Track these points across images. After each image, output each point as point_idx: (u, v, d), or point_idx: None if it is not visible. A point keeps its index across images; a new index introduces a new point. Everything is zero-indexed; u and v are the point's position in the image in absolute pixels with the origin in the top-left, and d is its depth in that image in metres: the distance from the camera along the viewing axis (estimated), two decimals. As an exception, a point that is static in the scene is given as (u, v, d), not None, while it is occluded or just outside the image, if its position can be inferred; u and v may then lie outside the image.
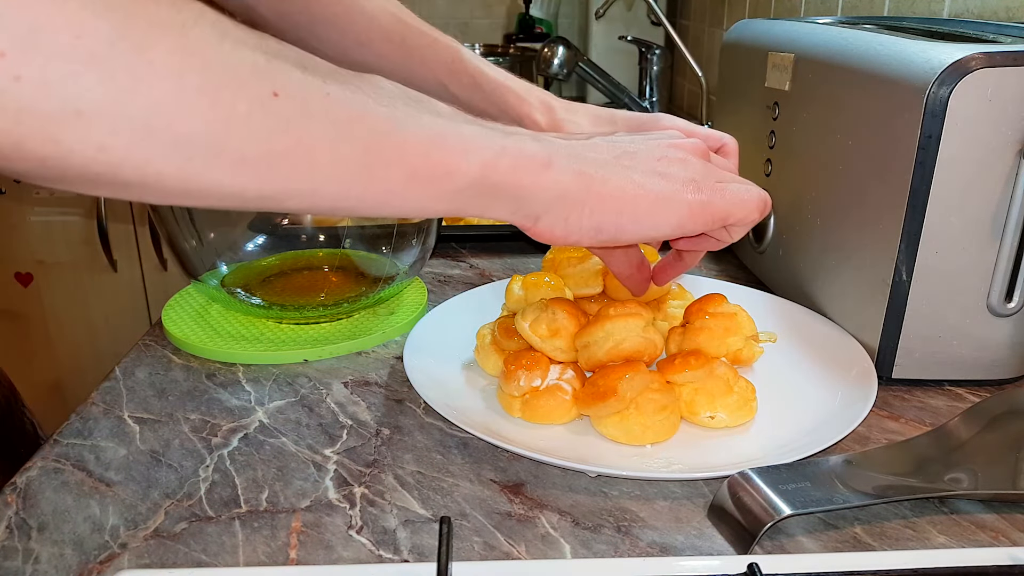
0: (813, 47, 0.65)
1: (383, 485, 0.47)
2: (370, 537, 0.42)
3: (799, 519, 0.43)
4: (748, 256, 0.79)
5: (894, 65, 0.54)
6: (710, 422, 0.51)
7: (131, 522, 0.43)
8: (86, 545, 0.42)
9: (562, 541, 0.42)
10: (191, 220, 0.62)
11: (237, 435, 0.52)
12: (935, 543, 0.42)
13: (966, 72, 0.49)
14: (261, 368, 0.61)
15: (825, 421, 0.51)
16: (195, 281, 0.66)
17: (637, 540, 0.42)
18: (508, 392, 0.52)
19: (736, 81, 0.81)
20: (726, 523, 0.43)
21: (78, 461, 0.49)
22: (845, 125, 0.60)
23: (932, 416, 0.54)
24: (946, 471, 0.45)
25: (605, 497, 0.46)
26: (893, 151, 0.53)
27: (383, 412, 0.55)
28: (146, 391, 0.57)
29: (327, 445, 0.51)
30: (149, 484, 0.47)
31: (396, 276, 0.67)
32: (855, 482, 0.43)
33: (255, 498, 0.45)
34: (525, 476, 0.48)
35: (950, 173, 0.51)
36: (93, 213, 1.64)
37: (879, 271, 0.56)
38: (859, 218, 0.58)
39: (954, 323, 0.55)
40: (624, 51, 1.73)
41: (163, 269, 1.72)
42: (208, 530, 0.43)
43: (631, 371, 0.49)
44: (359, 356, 0.63)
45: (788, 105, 0.69)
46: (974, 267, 0.53)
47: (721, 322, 0.55)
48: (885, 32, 0.61)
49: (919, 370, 0.57)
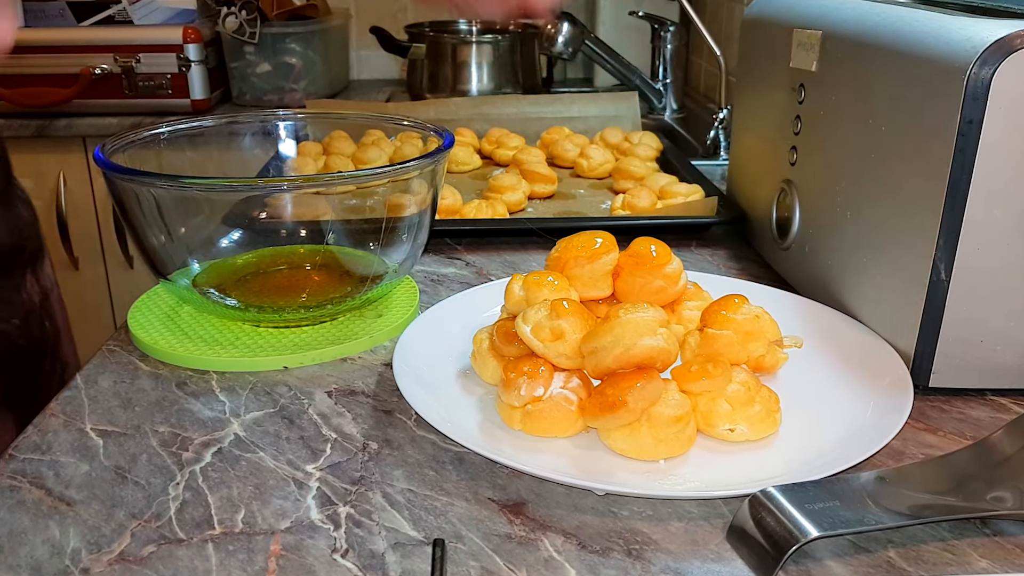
0: (843, 23, 0.65)
1: (370, 504, 0.47)
2: (356, 561, 0.42)
3: (827, 542, 0.43)
4: (771, 253, 0.79)
5: (931, 43, 0.54)
6: (729, 435, 0.51)
7: (94, 545, 0.43)
8: (44, 570, 0.42)
9: (567, 566, 0.42)
10: (159, 213, 0.62)
11: (210, 449, 0.52)
12: (976, 568, 0.42)
13: (1011, 51, 0.49)
14: (237, 376, 0.61)
15: (855, 434, 0.51)
16: (164, 280, 0.66)
17: (649, 565, 0.42)
18: (508, 402, 0.52)
19: (758, 61, 0.81)
20: (747, 546, 0.43)
21: (36, 478, 0.49)
22: (878, 109, 0.60)
23: (973, 429, 0.54)
24: (989, 489, 0.45)
25: (614, 518, 0.46)
26: (930, 138, 0.54)
27: (371, 424, 0.55)
28: (110, 401, 0.57)
29: (309, 460, 0.51)
30: (114, 503, 0.47)
31: (385, 275, 0.68)
32: (889, 501, 0.43)
33: (230, 519, 0.46)
34: (526, 494, 0.48)
35: (993, 162, 0.51)
36: (52, 205, 1.65)
37: (915, 270, 0.56)
38: (893, 212, 0.58)
39: (997, 326, 0.55)
40: (635, 28, 1.74)
41: (129, 267, 1.72)
42: (179, 554, 0.43)
43: (643, 379, 0.49)
44: (344, 363, 0.63)
45: (815, 87, 0.69)
46: (1020, 265, 0.53)
47: (742, 326, 0.55)
48: (921, 6, 0.61)
49: (959, 378, 0.57)
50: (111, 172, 0.60)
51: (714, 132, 1.40)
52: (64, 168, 1.65)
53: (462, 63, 1.59)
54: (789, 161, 0.74)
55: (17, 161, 1.70)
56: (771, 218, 0.78)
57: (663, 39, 1.60)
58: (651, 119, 1.57)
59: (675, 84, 1.62)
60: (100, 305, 1.76)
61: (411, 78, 1.69)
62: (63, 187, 1.64)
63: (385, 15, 2.09)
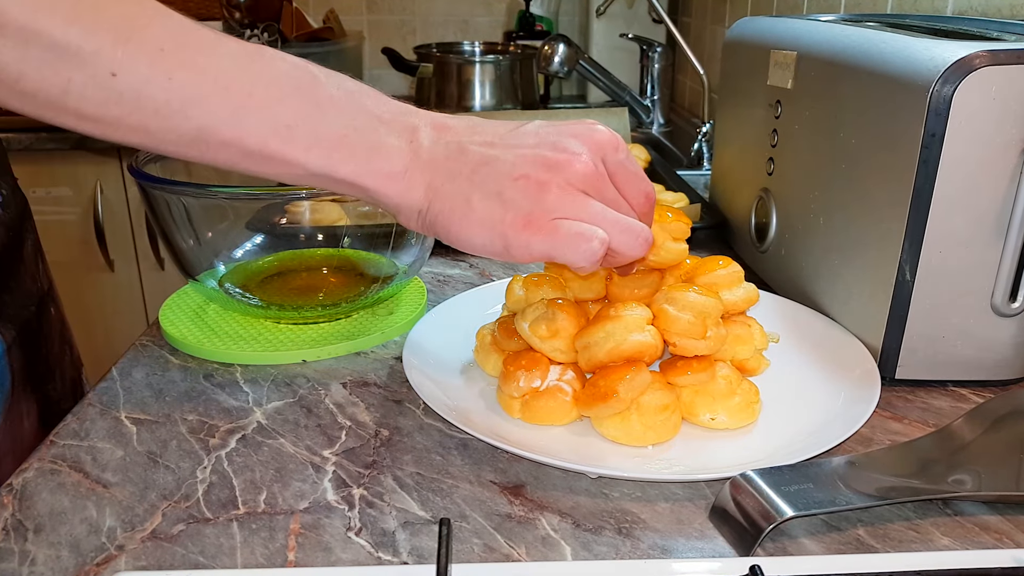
0: (816, 45, 0.65)
1: (382, 486, 0.47)
2: (369, 539, 0.42)
3: (802, 521, 0.43)
4: (750, 255, 0.79)
5: (897, 63, 0.54)
6: (711, 424, 0.51)
7: (128, 524, 0.43)
8: (83, 547, 0.42)
9: (563, 543, 0.42)
10: (188, 219, 0.62)
11: (235, 436, 0.52)
12: (938, 545, 0.42)
13: (970, 70, 0.49)
14: (259, 369, 0.61)
15: (828, 422, 0.51)
16: (192, 281, 0.66)
17: (638, 542, 0.42)
18: (508, 393, 0.52)
19: (738, 79, 0.81)
20: (728, 525, 0.43)
21: (75, 462, 0.49)
22: (848, 123, 0.60)
23: (936, 417, 0.54)
24: (950, 472, 0.45)
25: (606, 499, 0.46)
26: (896, 150, 0.53)
27: (382, 413, 0.55)
28: (143, 392, 0.57)
29: (326, 446, 0.51)
30: (146, 485, 0.47)
31: (395, 276, 0.67)
32: (858, 483, 0.43)
33: (253, 500, 0.45)
34: (525, 477, 0.48)
35: (954, 172, 0.51)
36: (90, 212, 1.65)
37: (882, 271, 0.56)
38: (862, 217, 0.58)
39: (958, 323, 0.55)
40: (625, 49, 1.73)
41: (160, 269, 1.72)
42: (206, 532, 0.43)
43: (632, 372, 0.49)
44: (358, 356, 0.63)
45: (791, 103, 0.69)
46: (978, 266, 0.53)
47: (733, 329, 0.55)
48: (888, 30, 0.61)
49: (923, 371, 0.57)
50: (144, 181, 0.60)
51: (698, 144, 1.39)
52: (101, 177, 1.65)
53: (467, 81, 1.58)
54: (767, 171, 0.74)
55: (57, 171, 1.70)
56: (750, 224, 0.78)
57: (651, 59, 1.60)
58: (640, 132, 1.57)
59: (662, 100, 1.62)
60: (134, 304, 1.76)
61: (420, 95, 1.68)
62: (100, 195, 1.64)
63: (395, 37, 2.09)
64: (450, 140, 0.45)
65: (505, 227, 0.43)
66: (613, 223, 0.45)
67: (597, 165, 0.45)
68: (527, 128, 0.46)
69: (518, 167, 0.44)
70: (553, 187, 0.44)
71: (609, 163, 0.46)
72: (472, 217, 0.44)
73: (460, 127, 0.46)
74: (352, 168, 0.43)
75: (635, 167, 0.47)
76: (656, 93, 1.62)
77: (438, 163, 0.44)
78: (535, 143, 0.45)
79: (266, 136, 0.41)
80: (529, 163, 0.44)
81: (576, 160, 0.44)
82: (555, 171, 0.44)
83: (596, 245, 0.44)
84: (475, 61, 1.59)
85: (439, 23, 2.12)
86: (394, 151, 0.44)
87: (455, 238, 0.45)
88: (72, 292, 1.75)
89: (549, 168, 0.44)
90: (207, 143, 0.41)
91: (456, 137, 0.45)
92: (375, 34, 2.09)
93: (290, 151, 0.42)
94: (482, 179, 0.44)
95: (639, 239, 0.46)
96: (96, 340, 1.77)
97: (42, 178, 1.63)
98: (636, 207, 0.48)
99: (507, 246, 0.44)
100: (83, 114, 0.39)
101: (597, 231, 0.44)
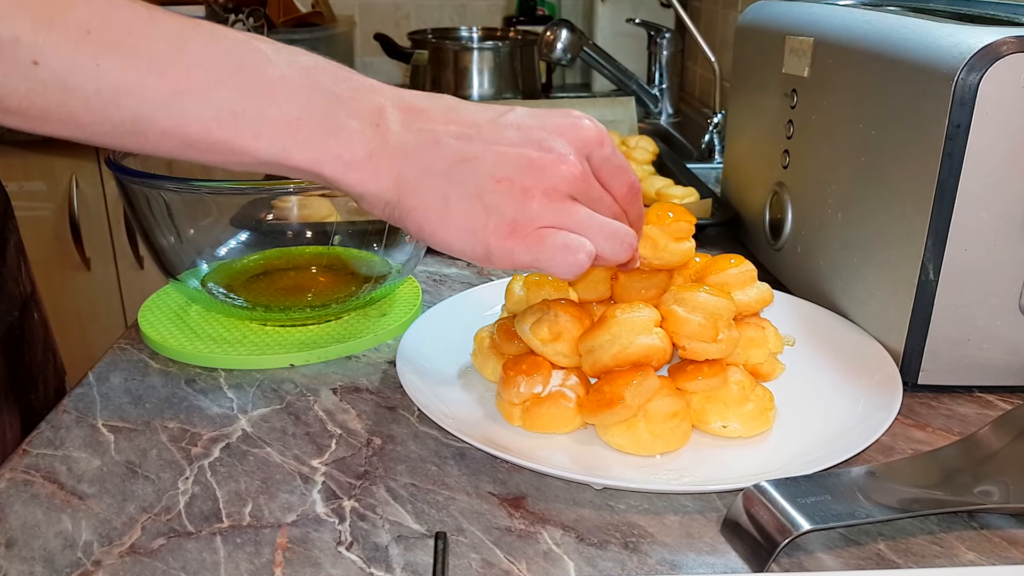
0: (834, 30, 0.65)
1: (374, 498, 0.47)
2: (360, 554, 0.42)
3: (819, 535, 0.43)
4: (764, 254, 0.79)
5: (920, 50, 0.54)
6: (723, 432, 0.51)
7: (105, 538, 0.43)
8: (57, 562, 0.42)
9: (565, 558, 0.42)
10: (169, 215, 0.62)
11: (219, 445, 0.52)
12: (963, 560, 0.42)
13: (997, 57, 0.49)
14: (244, 373, 0.61)
15: (846, 430, 0.51)
16: (173, 280, 0.66)
17: (646, 557, 0.42)
18: (508, 399, 0.52)
19: (751, 67, 0.81)
20: (741, 539, 0.43)
21: (49, 472, 0.49)
22: (868, 114, 0.60)
23: (961, 425, 0.54)
24: (975, 483, 0.45)
25: (611, 511, 0.46)
26: (919, 142, 0.53)
27: (374, 420, 0.55)
28: (121, 398, 0.57)
29: (315, 456, 0.51)
30: (125, 497, 0.47)
31: (388, 275, 0.68)
32: (878, 495, 0.43)
33: (238, 512, 0.46)
34: (526, 489, 0.48)
35: (980, 165, 0.51)
36: (65, 207, 1.65)
37: (904, 270, 0.56)
38: (883, 213, 0.58)
39: (984, 325, 0.55)
40: (632, 35, 1.73)
41: (139, 268, 1.72)
42: (188, 546, 0.43)
43: (639, 376, 0.49)
44: (349, 360, 0.63)
45: (807, 92, 0.69)
46: (1005, 265, 0.53)
47: (746, 331, 0.55)
48: (911, 14, 0.61)
49: (947, 375, 0.57)
50: (122, 175, 0.60)
51: (709, 136, 1.39)
52: (76, 171, 1.64)
53: (464, 69, 1.59)
54: (782, 164, 0.74)
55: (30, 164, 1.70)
56: (764, 220, 0.78)
57: (659, 45, 1.60)
58: (647, 123, 1.57)
59: (671, 89, 1.62)
60: (111, 304, 1.76)
61: (414, 84, 1.68)
62: (75, 189, 1.64)
63: (388, 22, 2.09)
64: (422, 127, 0.44)
65: (488, 234, 0.43)
66: (598, 229, 0.45)
67: (583, 165, 0.45)
68: (508, 119, 0.45)
69: (500, 168, 0.43)
70: (538, 193, 0.43)
71: (594, 160, 0.46)
72: (450, 220, 0.43)
73: (433, 110, 0.45)
74: (308, 155, 0.42)
75: (619, 159, 0.48)
76: (665, 82, 1.62)
77: (409, 152, 0.43)
78: (518, 140, 0.44)
79: (208, 124, 0.40)
80: (512, 164, 0.43)
81: (562, 162, 0.44)
82: (540, 174, 0.44)
83: (583, 257, 0.44)
84: (473, 48, 1.59)
85: (435, 7, 2.12)
86: (356, 135, 0.43)
87: (429, 238, 0.44)
88: (46, 292, 1.74)
89: (534, 171, 0.44)
90: (145, 134, 0.40)
91: (429, 124, 0.44)
92: (367, 19, 2.09)
93: (237, 139, 0.41)
94: (461, 178, 0.43)
95: (623, 244, 0.46)
96: (71, 343, 1.77)
97: (14, 171, 1.63)
98: (620, 199, 0.48)
99: (488, 253, 0.44)
100: (6, 107, 0.38)
101: (584, 243, 0.44)
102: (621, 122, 1.32)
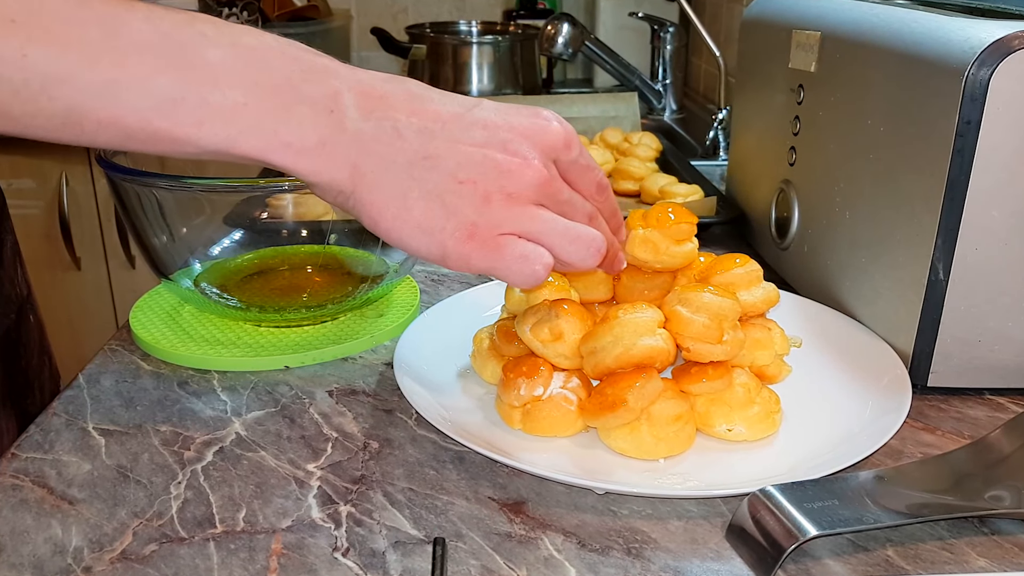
0: (841, 24, 0.65)
1: (371, 503, 0.47)
2: (357, 560, 0.42)
3: (826, 541, 0.43)
4: (770, 253, 0.79)
5: (930, 44, 0.54)
6: (727, 435, 0.51)
7: (96, 543, 0.43)
8: (47, 568, 0.42)
9: (567, 564, 0.42)
10: (161, 213, 0.62)
11: (212, 448, 0.52)
12: (974, 566, 0.42)
13: (1009, 51, 0.49)
14: (238, 375, 0.61)
15: (854, 433, 0.51)
16: (166, 280, 0.66)
17: (649, 563, 0.42)
18: (507, 402, 0.52)
19: (757, 61, 0.81)
20: (746, 545, 0.43)
21: (38, 477, 0.49)
22: (876, 110, 0.60)
23: (971, 428, 0.54)
24: (986, 488, 0.45)
25: (614, 516, 0.46)
26: (929, 138, 0.53)
27: (371, 423, 0.55)
28: (112, 400, 0.57)
29: (310, 460, 0.51)
30: (116, 502, 0.47)
31: (385, 275, 0.68)
32: (887, 500, 0.43)
33: (231, 517, 0.46)
34: (526, 493, 0.48)
35: (991, 162, 0.51)
36: (55, 206, 1.65)
37: (914, 269, 0.56)
38: (892, 211, 0.58)
39: (995, 326, 0.55)
40: (635, 29, 1.74)
41: (131, 267, 1.72)
42: (180, 552, 0.43)
43: (642, 379, 0.49)
44: (345, 362, 0.63)
45: (814, 88, 0.69)
46: (1017, 264, 0.53)
47: (752, 332, 0.55)
48: (920, 8, 0.61)
49: (957, 377, 0.57)
50: (113, 173, 0.60)
51: (713, 132, 1.40)
52: (66, 169, 1.65)
53: (463, 64, 1.59)
54: (788, 161, 0.74)
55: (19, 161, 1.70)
56: (770, 218, 0.78)
57: (662, 40, 1.60)
58: (651, 120, 1.57)
59: (674, 85, 1.62)
60: (102, 305, 1.76)
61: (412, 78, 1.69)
62: (65, 187, 1.64)
63: (386, 16, 2.09)
64: (382, 117, 0.43)
65: (446, 236, 0.43)
66: (562, 233, 0.45)
67: (549, 168, 0.45)
68: (474, 116, 0.45)
69: (463, 169, 0.43)
70: (501, 197, 0.43)
71: (561, 163, 0.46)
72: (408, 218, 0.43)
73: (393, 97, 0.44)
74: (254, 143, 0.41)
75: (587, 159, 0.48)
76: (668, 77, 1.62)
77: (366, 143, 0.43)
78: (483, 140, 0.44)
79: (147, 113, 0.39)
80: (476, 166, 0.43)
81: (527, 167, 0.44)
82: (504, 179, 0.43)
83: (539, 269, 0.44)
84: (472, 42, 1.59)
85: (433, 1, 2.12)
86: (307, 121, 0.42)
87: (384, 234, 0.44)
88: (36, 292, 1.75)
89: (499, 174, 0.43)
90: (80, 125, 0.39)
91: (390, 113, 0.43)
92: (364, 13, 2.09)
93: (178, 128, 0.40)
94: (421, 175, 0.43)
95: (590, 248, 0.46)
96: (61, 344, 1.77)
97: (2, 169, 1.63)
98: (589, 199, 0.48)
99: (445, 256, 0.44)
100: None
101: (543, 254, 0.44)
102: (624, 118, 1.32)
